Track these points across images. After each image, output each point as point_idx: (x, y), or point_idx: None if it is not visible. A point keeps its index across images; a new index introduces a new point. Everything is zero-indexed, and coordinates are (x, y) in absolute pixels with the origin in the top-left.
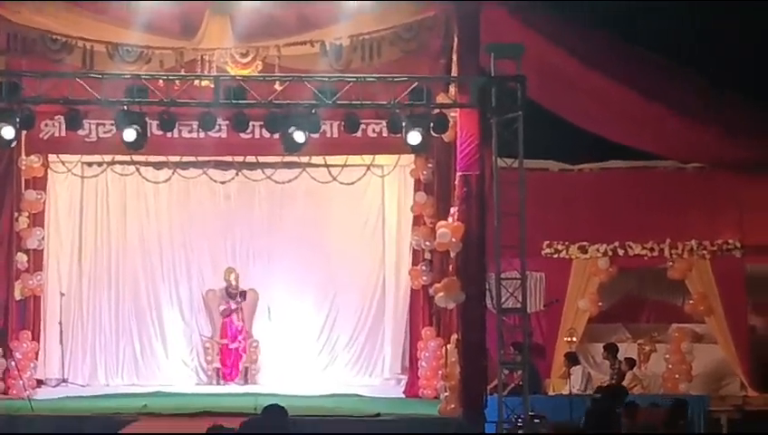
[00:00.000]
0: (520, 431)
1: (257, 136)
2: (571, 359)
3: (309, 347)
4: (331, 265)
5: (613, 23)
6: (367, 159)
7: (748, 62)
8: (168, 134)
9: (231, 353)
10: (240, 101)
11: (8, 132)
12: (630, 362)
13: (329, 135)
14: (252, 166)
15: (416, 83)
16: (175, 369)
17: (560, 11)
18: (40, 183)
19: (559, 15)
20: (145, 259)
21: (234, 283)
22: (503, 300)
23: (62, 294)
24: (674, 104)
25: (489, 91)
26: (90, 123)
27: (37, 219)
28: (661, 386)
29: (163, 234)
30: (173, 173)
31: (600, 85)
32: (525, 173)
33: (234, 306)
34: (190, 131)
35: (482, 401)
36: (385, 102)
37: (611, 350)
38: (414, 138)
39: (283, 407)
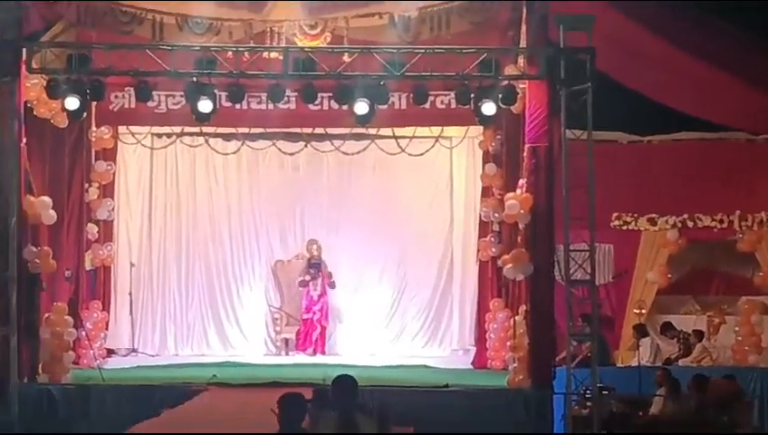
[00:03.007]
0: (588, 403)
1: (326, 107)
2: (640, 331)
3: (377, 318)
4: (400, 237)
5: None
6: (435, 130)
7: None
8: (237, 106)
9: (305, 324)
10: (309, 73)
11: (74, 104)
12: (698, 335)
13: (397, 107)
14: (320, 137)
15: (484, 55)
16: (244, 339)
17: None
18: (110, 154)
19: None
20: (214, 230)
21: (315, 253)
22: (571, 272)
23: (133, 265)
24: (745, 74)
25: (558, 63)
26: (159, 95)
27: (107, 190)
28: (731, 358)
29: (232, 205)
30: (242, 145)
31: (670, 55)
32: (594, 145)
33: (308, 278)
34: (259, 103)
35: (550, 373)
36: (453, 74)
37: (667, 328)
38: (489, 109)
39: (353, 377)
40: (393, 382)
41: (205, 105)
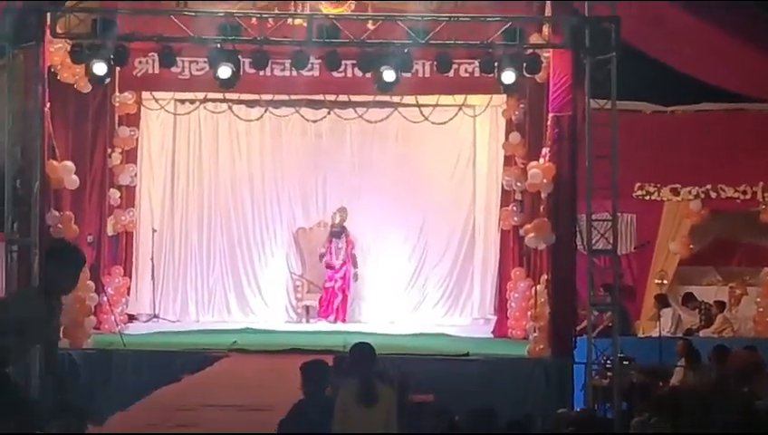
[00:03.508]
0: (609, 373)
1: (350, 75)
2: (662, 301)
3: (398, 286)
4: (422, 205)
5: None
6: (459, 99)
7: None
8: (261, 72)
9: (327, 292)
10: (333, 40)
11: (102, 69)
12: (720, 305)
13: (421, 75)
14: (344, 105)
15: (509, 23)
16: (264, 306)
17: None
18: (133, 120)
19: None
20: (236, 197)
21: (337, 221)
22: (593, 241)
23: (155, 231)
24: None
25: (583, 32)
26: (183, 61)
27: (130, 156)
28: (752, 329)
29: (254, 172)
30: (265, 111)
31: (695, 26)
32: (618, 114)
33: (323, 250)
34: (283, 70)
35: (571, 342)
36: (478, 42)
37: (688, 299)
38: (508, 77)
39: (370, 344)
40: (413, 351)
41: (223, 71)
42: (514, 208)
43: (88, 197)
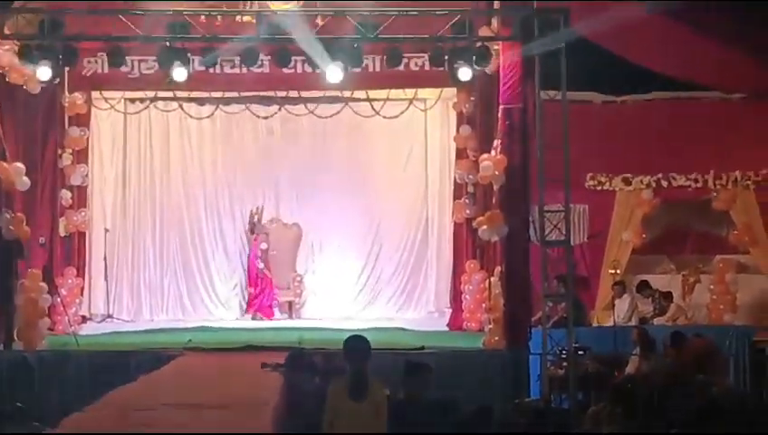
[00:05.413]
0: (564, 363)
1: (299, 71)
2: (622, 287)
3: (353, 281)
4: (375, 200)
5: None
6: (409, 92)
7: None
8: (211, 70)
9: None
10: (282, 36)
11: (46, 74)
12: (667, 296)
13: (371, 69)
14: (294, 101)
15: (458, 16)
16: (219, 304)
17: None
18: (83, 120)
19: None
20: (188, 194)
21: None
22: (546, 232)
23: (107, 230)
24: (718, 34)
25: (532, 24)
26: (132, 60)
27: (81, 156)
28: (706, 317)
29: (206, 169)
30: (216, 109)
31: (644, 16)
32: (568, 105)
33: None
34: (232, 67)
35: (526, 334)
36: (427, 36)
37: (643, 287)
38: (463, 71)
39: (366, 338)
40: None
41: (179, 73)
42: (467, 201)
43: (39, 198)
